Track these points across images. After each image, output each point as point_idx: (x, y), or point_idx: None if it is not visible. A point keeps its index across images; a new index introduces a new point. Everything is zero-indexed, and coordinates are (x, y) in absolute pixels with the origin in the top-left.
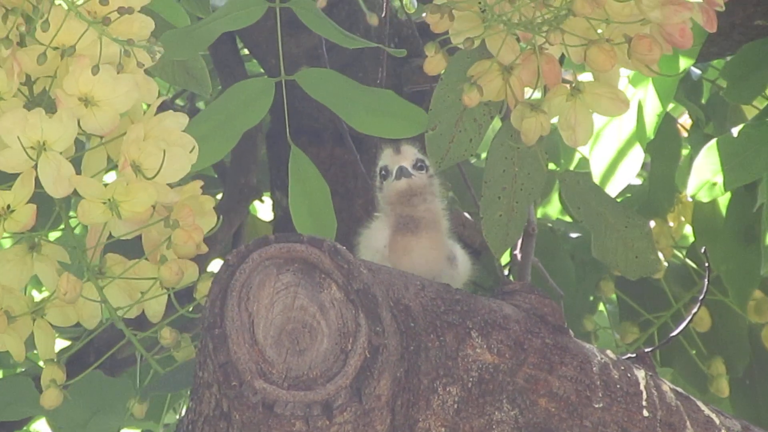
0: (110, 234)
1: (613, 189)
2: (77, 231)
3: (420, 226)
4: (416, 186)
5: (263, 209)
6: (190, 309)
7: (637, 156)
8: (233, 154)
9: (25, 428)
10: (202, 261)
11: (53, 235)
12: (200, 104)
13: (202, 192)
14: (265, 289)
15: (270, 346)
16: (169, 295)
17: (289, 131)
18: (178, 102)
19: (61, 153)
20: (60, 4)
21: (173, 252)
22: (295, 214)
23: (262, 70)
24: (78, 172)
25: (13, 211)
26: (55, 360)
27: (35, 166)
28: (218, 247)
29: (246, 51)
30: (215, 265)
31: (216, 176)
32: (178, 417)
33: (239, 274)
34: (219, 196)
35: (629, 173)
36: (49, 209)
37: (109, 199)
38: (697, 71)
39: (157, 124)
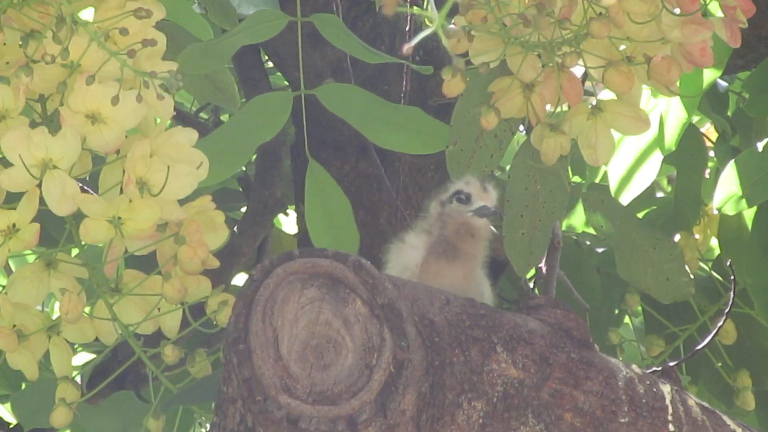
0: (126, 250)
1: (628, 196)
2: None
3: (458, 256)
4: (482, 231)
5: (288, 222)
6: (209, 325)
7: (654, 164)
8: (257, 168)
9: None
10: (225, 274)
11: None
12: (225, 117)
13: (219, 206)
14: (289, 304)
15: (294, 361)
16: (184, 310)
17: (312, 144)
18: (203, 115)
19: (71, 170)
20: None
21: (179, 268)
22: (312, 229)
23: (286, 83)
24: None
25: (18, 230)
26: (70, 377)
27: (40, 185)
28: (242, 261)
29: (271, 63)
30: (239, 279)
31: (240, 189)
32: None
33: (263, 289)
34: (243, 210)
35: (645, 181)
36: (62, 225)
37: (113, 217)
38: (724, 83)
39: (167, 140)
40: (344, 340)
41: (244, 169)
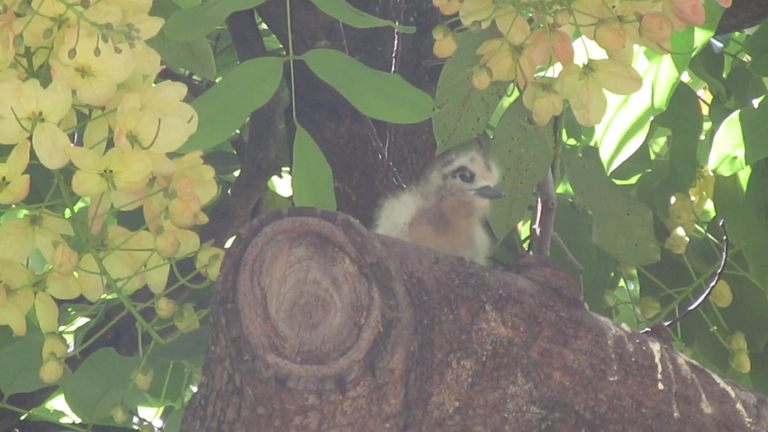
0: (112, 205)
1: (619, 159)
2: (79, 203)
3: (448, 231)
4: (481, 210)
5: (282, 184)
6: (198, 280)
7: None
8: (251, 130)
9: (42, 405)
10: (219, 236)
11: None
12: (218, 81)
13: (206, 163)
14: (277, 263)
15: (282, 321)
16: (171, 266)
17: (306, 107)
18: (196, 78)
19: (59, 124)
20: None
21: (171, 222)
22: (297, 195)
23: (281, 45)
24: (78, 143)
25: (8, 183)
26: (57, 332)
27: (30, 138)
28: (236, 223)
29: (264, 26)
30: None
31: (234, 152)
32: None
33: (252, 248)
34: (237, 172)
35: (636, 143)
36: (49, 182)
37: (105, 170)
38: (719, 44)
39: (156, 94)
40: (333, 299)
41: (237, 131)
